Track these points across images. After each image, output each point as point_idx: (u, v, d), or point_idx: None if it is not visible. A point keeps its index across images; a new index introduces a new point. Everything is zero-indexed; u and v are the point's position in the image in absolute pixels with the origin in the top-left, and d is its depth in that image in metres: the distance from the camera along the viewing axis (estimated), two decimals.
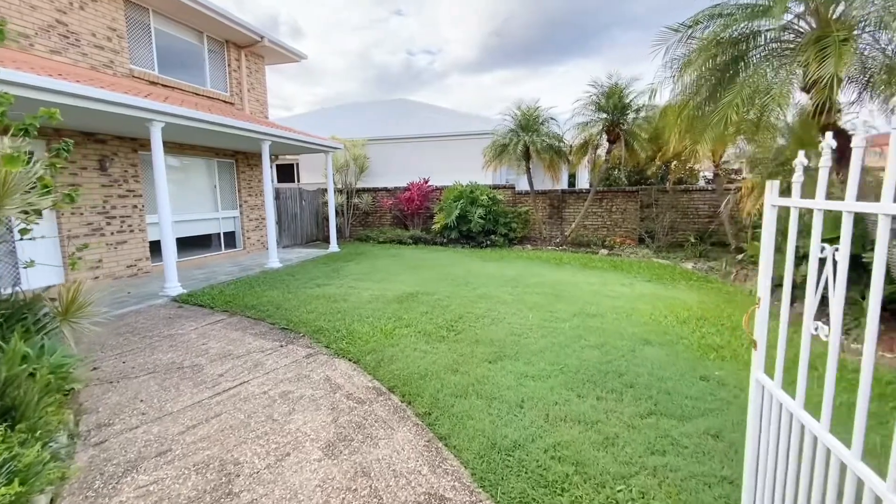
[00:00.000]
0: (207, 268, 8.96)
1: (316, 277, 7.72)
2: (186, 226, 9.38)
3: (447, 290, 6.69)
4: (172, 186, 8.96)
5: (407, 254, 10.71)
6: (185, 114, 6.57)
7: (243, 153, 10.84)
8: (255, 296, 6.39)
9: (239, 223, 10.88)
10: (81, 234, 7.12)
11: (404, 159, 15.71)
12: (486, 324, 5.02)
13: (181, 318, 5.58)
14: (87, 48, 7.11)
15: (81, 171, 7.11)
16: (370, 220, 14.41)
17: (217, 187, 10.20)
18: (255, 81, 11.15)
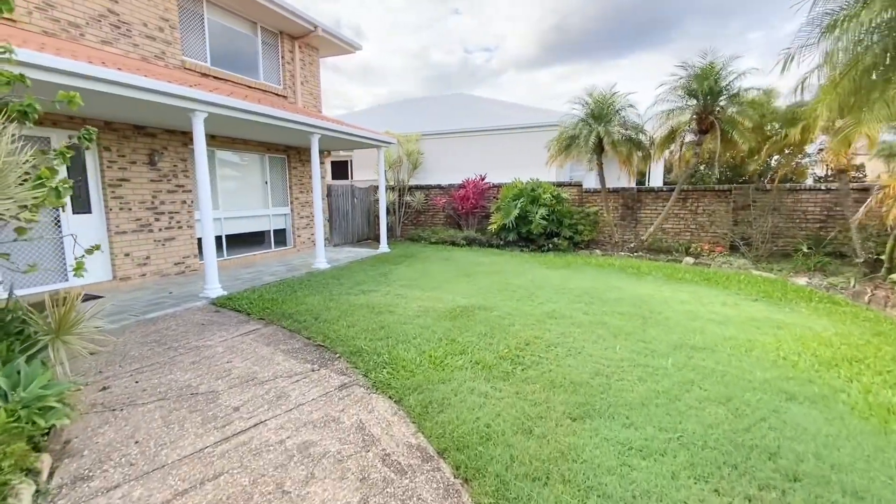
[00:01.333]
0: (255, 267, 8.62)
1: (362, 282, 7.04)
2: (237, 223, 9.12)
3: (508, 304, 5.71)
4: (223, 182, 8.72)
5: (460, 257, 9.83)
6: (226, 103, 6.10)
7: (295, 149, 10.49)
8: (295, 302, 5.79)
9: (290, 220, 10.55)
10: (129, 231, 6.93)
11: (459, 155, 14.86)
12: (561, 355, 3.99)
13: (214, 325, 5.07)
14: (139, 38, 6.89)
15: (130, 166, 6.91)
16: (422, 219, 13.71)
17: (268, 183, 9.90)
18: (309, 74, 10.76)
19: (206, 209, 6.12)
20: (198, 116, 5.91)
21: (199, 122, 5.95)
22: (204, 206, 6.10)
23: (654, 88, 10.47)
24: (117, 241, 6.77)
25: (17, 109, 2.94)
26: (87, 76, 4.55)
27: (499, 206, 11.35)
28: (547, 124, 13.39)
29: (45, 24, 5.71)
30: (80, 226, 6.39)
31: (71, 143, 3.74)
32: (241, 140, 8.97)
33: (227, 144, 8.68)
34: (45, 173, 2.78)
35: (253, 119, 6.71)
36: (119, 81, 4.80)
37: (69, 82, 4.42)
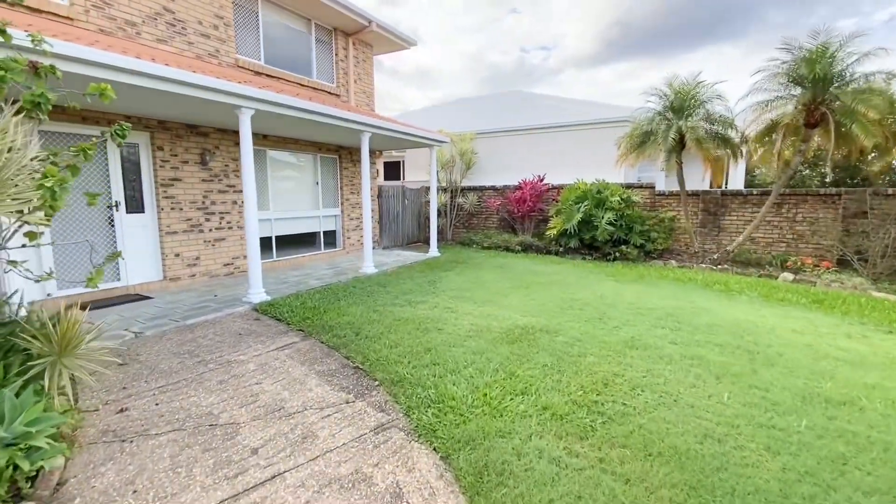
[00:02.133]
0: (303, 269, 8.39)
1: (409, 291, 6.49)
2: (288, 223, 8.96)
3: (575, 326, 4.90)
4: (275, 182, 8.56)
5: (516, 264, 9.05)
6: (271, 98, 5.78)
7: (347, 149, 10.22)
8: (336, 312, 5.34)
9: (340, 222, 10.30)
10: (180, 231, 6.86)
11: (515, 154, 14.03)
12: (652, 403, 3.16)
13: (251, 335, 4.71)
14: (193, 37, 6.81)
15: (182, 165, 6.84)
16: (474, 221, 13.04)
17: (319, 184, 9.69)
18: (363, 72, 10.46)
19: (251, 210, 5.85)
20: (244, 113, 5.64)
21: (246, 120, 5.68)
22: (249, 206, 5.83)
23: (731, 82, 9.05)
24: (168, 242, 6.71)
25: (28, 100, 2.62)
26: (123, 69, 4.33)
27: (559, 209, 10.43)
28: (614, 120, 12.24)
29: (102, 22, 5.68)
30: (132, 225, 6.37)
31: (102, 139, 3.45)
32: (292, 140, 8.79)
33: (279, 144, 8.52)
34: (50, 171, 2.42)
35: (299, 116, 6.38)
36: (160, 76, 4.56)
37: (105, 75, 4.21)
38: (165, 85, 4.67)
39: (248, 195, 5.81)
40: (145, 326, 4.87)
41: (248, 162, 5.76)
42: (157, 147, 6.49)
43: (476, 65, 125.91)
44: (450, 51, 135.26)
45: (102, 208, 6.04)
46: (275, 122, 6.90)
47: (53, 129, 5.46)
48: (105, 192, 6.04)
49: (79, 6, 5.45)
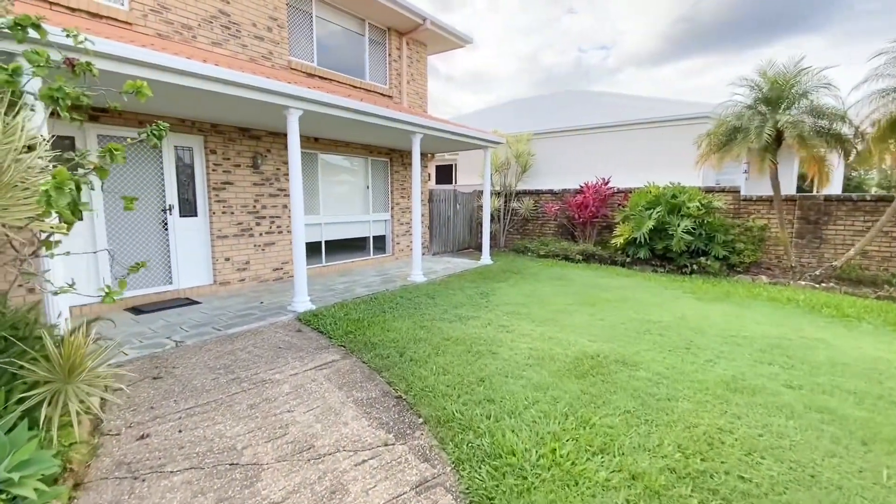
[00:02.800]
0: (351, 275, 8.12)
1: (459, 304, 5.95)
2: (337, 228, 8.77)
3: (657, 357, 4.11)
4: (326, 186, 8.39)
5: (577, 276, 8.24)
6: (320, 98, 5.49)
7: (398, 151, 9.92)
8: (381, 327, 4.91)
9: (389, 227, 10.01)
10: (230, 235, 6.80)
11: (575, 156, 13.12)
12: (780, 481, 2.37)
13: (290, 350, 4.38)
14: (247, 39, 6.74)
15: (234, 169, 6.78)
16: (529, 227, 12.29)
17: (370, 188, 9.44)
18: (416, 72, 10.13)
19: (298, 214, 5.59)
20: (292, 114, 5.39)
21: (294, 121, 5.43)
22: (296, 210, 5.57)
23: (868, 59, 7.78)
24: (218, 245, 6.66)
25: (46, 95, 2.38)
26: (167, 68, 4.16)
27: (626, 215, 9.45)
28: (691, 117, 11.03)
29: (160, 26, 5.69)
30: (185, 229, 6.35)
31: (138, 139, 3.23)
32: (343, 143, 8.59)
33: (330, 147, 8.35)
34: (60, 173, 2.13)
35: (348, 117, 6.06)
36: (206, 75, 4.37)
37: (149, 74, 4.06)
38: (210, 84, 4.49)
39: (295, 199, 5.55)
40: (187, 335, 4.70)
41: (296, 164, 5.50)
42: (210, 150, 6.46)
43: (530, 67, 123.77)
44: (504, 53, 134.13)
45: (157, 212, 6.05)
46: (324, 124, 6.66)
47: (110, 133, 5.51)
48: (159, 195, 6.06)
49: (137, 11, 5.47)
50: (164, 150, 6.04)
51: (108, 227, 5.59)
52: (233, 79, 4.59)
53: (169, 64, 4.09)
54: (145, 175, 5.90)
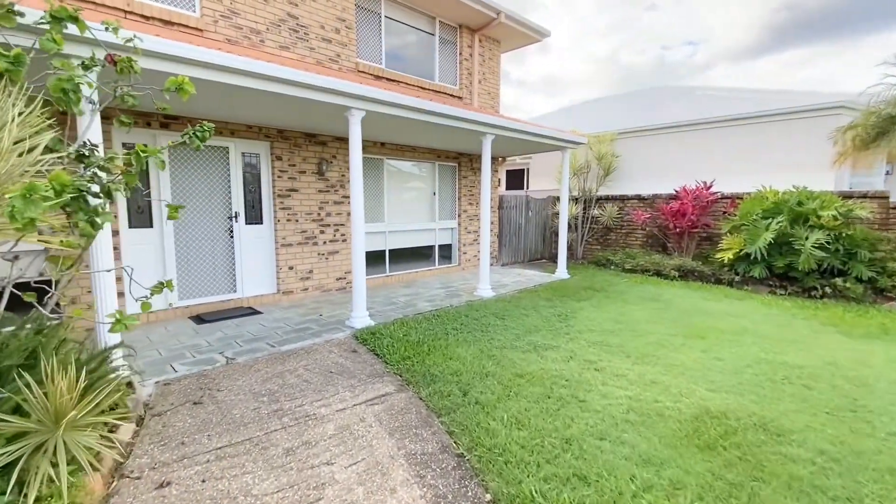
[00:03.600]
0: (414, 287, 7.63)
1: (534, 329, 5.14)
2: (402, 237, 8.36)
3: (814, 424, 3.00)
4: (391, 193, 8.03)
5: (675, 297, 7.00)
6: (382, 97, 5.03)
7: (467, 155, 9.33)
8: (443, 353, 4.27)
9: (456, 235, 9.43)
10: (294, 243, 6.61)
11: (666, 157, 11.62)
12: None
13: (342, 375, 3.89)
14: (315, 42, 6.54)
15: (300, 176, 6.59)
16: (611, 237, 11.03)
17: (436, 194, 8.94)
18: (488, 71, 9.48)
19: (359, 222, 5.17)
20: (354, 115, 4.99)
21: (356, 122, 5.03)
22: (356, 217, 5.16)
23: None
24: (282, 254, 6.48)
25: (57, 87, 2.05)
26: (223, 66, 3.90)
27: (735, 225, 7.98)
28: (819, 107, 9.17)
29: (229, 31, 5.61)
30: (250, 237, 6.25)
31: (179, 141, 2.91)
32: (409, 148, 8.17)
33: (396, 152, 7.97)
34: (58, 177, 1.75)
35: (413, 117, 5.56)
36: (257, 72, 4.06)
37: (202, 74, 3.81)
38: (266, 84, 4.18)
39: (356, 206, 5.13)
40: (240, 350, 4.42)
41: (357, 169, 5.09)
42: (276, 156, 6.31)
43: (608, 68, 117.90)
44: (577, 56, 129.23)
45: (223, 219, 5.99)
46: (390, 126, 6.24)
47: None
48: (225, 202, 5.99)
49: (208, 17, 5.43)
50: (232, 157, 5.97)
51: (175, 235, 5.59)
52: (289, 77, 4.26)
53: (222, 62, 3.83)
54: (213, 182, 5.85)
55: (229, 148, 5.94)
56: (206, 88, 4.12)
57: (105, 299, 3.48)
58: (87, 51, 3.00)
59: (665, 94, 13.68)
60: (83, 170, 2.32)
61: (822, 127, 8.57)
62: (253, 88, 4.14)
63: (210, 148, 5.78)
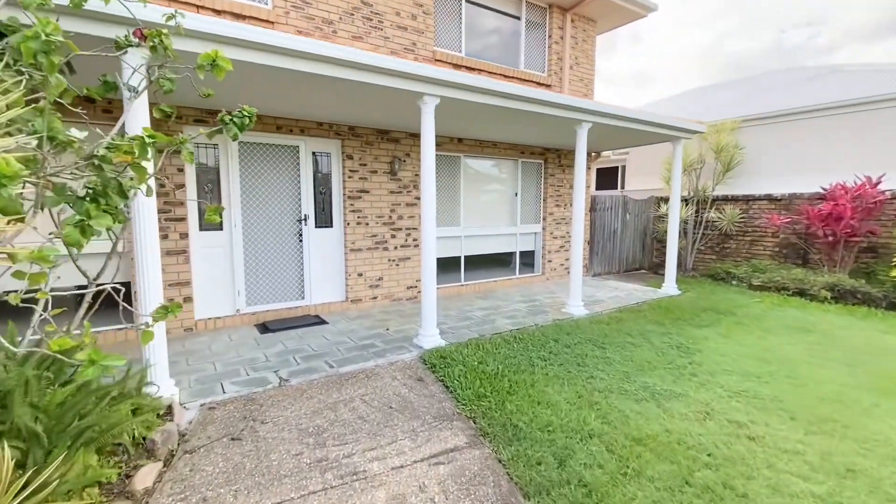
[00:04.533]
0: (493, 298, 6.79)
1: (647, 365, 4.02)
2: (479, 242, 7.57)
3: None
4: (468, 194, 7.30)
5: (833, 327, 5.33)
6: (457, 80, 4.29)
7: (555, 151, 8.27)
8: (529, 393, 3.39)
9: (540, 241, 8.41)
10: (364, 248, 6.14)
11: (804, 148, 9.45)
12: None
13: (403, 413, 3.19)
14: (390, 30, 6.01)
15: (371, 176, 6.11)
16: (730, 246, 9.18)
17: (518, 195, 8.02)
18: (580, 55, 8.35)
19: (430, 224, 4.47)
20: (427, 104, 4.31)
21: (428, 112, 4.34)
22: (427, 219, 4.47)
23: None
24: (351, 259, 6.04)
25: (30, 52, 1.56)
26: (276, 47, 3.41)
27: None
28: None
29: (300, 23, 5.27)
30: (320, 241, 5.88)
31: (214, 130, 2.40)
32: (490, 143, 7.36)
33: (474, 149, 7.20)
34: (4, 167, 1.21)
35: (495, 104, 4.73)
36: (320, 55, 3.52)
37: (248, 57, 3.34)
38: (330, 69, 3.65)
39: (427, 206, 4.45)
40: (296, 370, 3.93)
41: (429, 164, 4.40)
42: (347, 155, 5.88)
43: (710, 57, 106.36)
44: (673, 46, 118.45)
45: (292, 222, 5.68)
46: (468, 118, 5.50)
47: (250, 140, 5.26)
48: (294, 204, 5.68)
49: (280, 8, 5.12)
50: (302, 156, 5.64)
51: (245, 239, 5.36)
52: (352, 58, 3.68)
53: (283, 44, 3.34)
54: (283, 183, 5.56)
55: (299, 147, 5.61)
56: (270, 77, 3.70)
57: (148, 308, 3.13)
58: (124, 31, 2.62)
59: (792, 76, 11.28)
60: (80, 163, 1.84)
61: None
62: (318, 75, 3.64)
63: (279, 147, 5.50)
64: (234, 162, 5.18)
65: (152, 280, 3.13)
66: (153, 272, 3.13)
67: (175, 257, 4.83)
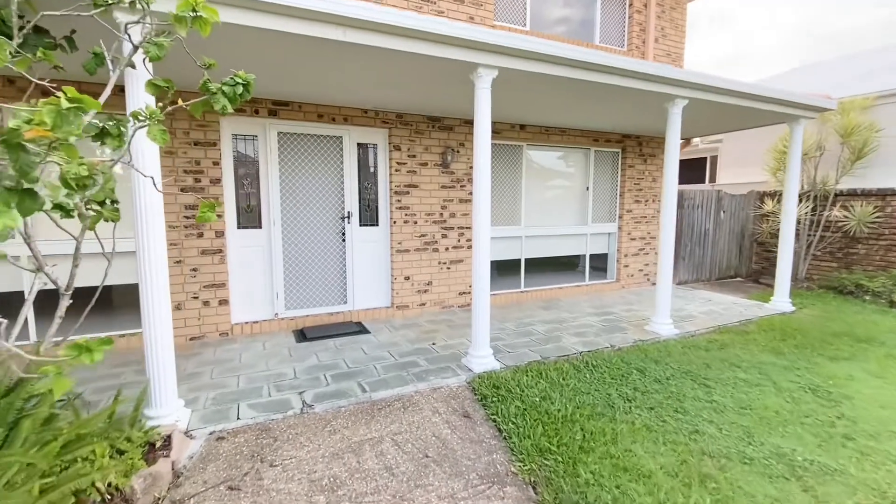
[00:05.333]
0: (556, 309, 5.88)
1: (773, 418, 2.97)
2: (543, 243, 6.69)
3: None
4: (530, 190, 6.45)
5: None
6: (520, 45, 3.47)
7: (635, 138, 7.13)
8: (610, 450, 2.54)
9: (615, 243, 7.32)
10: (412, 249, 5.52)
11: None
12: None
13: (441, 466, 2.49)
14: (444, 3, 5.32)
15: (420, 169, 5.47)
16: (858, 251, 7.42)
17: (590, 190, 7.00)
18: (668, 25, 7.10)
19: (482, 221, 3.73)
20: (482, 78, 3.56)
21: (484, 87, 3.59)
22: (480, 216, 3.73)
23: None
24: (398, 261, 5.45)
25: None
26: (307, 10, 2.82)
27: None
28: None
29: None
30: (363, 240, 5.36)
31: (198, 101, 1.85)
32: (557, 130, 6.43)
33: (539, 137, 6.31)
34: None
35: (565, 75, 3.85)
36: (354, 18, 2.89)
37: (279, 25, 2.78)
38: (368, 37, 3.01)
39: (480, 201, 3.71)
40: (323, 392, 3.38)
41: (484, 149, 3.66)
42: (394, 146, 5.29)
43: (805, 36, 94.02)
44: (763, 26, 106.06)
45: (335, 220, 5.20)
46: (533, 99, 4.66)
47: (290, 129, 4.83)
48: (337, 200, 5.19)
49: None
50: (346, 148, 5.13)
51: (284, 238, 4.96)
52: (389, 21, 3.01)
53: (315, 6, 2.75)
54: (325, 177, 5.09)
55: (343, 137, 5.11)
56: (304, 51, 3.16)
57: (154, 316, 2.70)
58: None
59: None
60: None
61: None
62: (352, 45, 3.02)
63: (321, 138, 5.02)
64: (273, 155, 4.78)
65: (156, 287, 2.69)
66: (157, 278, 2.69)
67: (210, 257, 4.51)
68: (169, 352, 2.78)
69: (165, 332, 2.75)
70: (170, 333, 2.78)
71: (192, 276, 4.46)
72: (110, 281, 3.92)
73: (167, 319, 2.76)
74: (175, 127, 4.25)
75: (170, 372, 2.80)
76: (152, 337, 2.70)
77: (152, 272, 2.67)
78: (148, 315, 2.69)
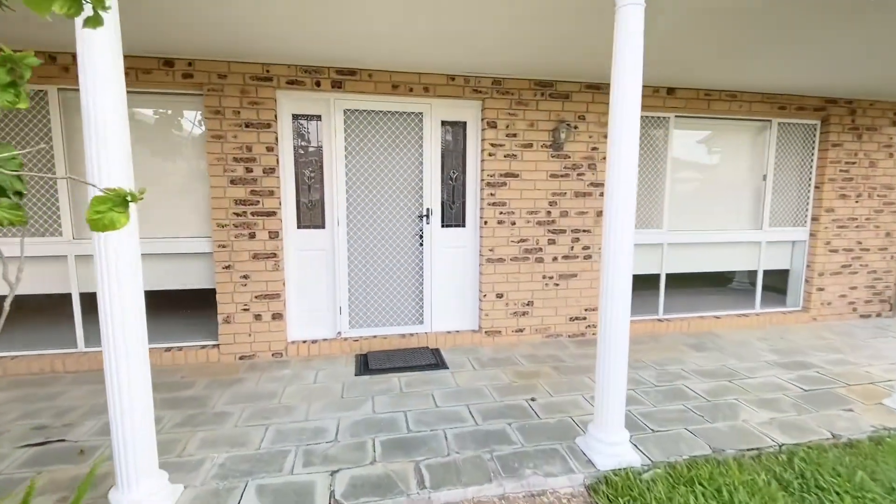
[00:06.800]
0: (714, 348, 4.08)
1: None
2: (689, 253, 4.86)
3: None
4: (677, 180, 4.69)
5: None
6: None
7: (845, 103, 4.84)
8: None
9: (802, 255, 5.12)
10: (507, 258, 4.22)
11: None
12: None
13: None
14: None
15: (522, 152, 4.12)
16: None
17: (767, 180, 4.93)
18: None
19: (621, 221, 2.29)
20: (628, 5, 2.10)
21: (634, 16, 2.13)
22: (617, 213, 2.30)
23: None
24: (488, 273, 4.20)
25: None
26: None
27: None
28: None
29: None
30: (445, 244, 4.22)
31: None
32: (725, 94, 4.52)
33: (695, 105, 4.49)
34: None
35: None
36: None
37: None
38: None
39: (621, 188, 2.28)
40: (363, 478, 2.29)
41: (631, 103, 2.21)
42: (489, 123, 4.02)
43: None
44: None
45: (411, 218, 4.13)
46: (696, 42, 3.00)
47: (357, 106, 3.86)
48: (414, 195, 4.11)
49: None
50: (426, 127, 4.02)
51: (349, 240, 4.03)
52: None
53: None
54: (399, 165, 4.05)
55: (423, 114, 4.00)
56: None
57: (114, 334, 1.84)
58: None
59: None
60: None
61: None
62: None
63: (396, 116, 3.97)
64: (338, 138, 3.86)
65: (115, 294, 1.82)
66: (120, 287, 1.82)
67: (263, 262, 3.76)
68: (143, 401, 1.91)
69: (137, 369, 1.87)
70: (145, 370, 1.92)
71: (243, 284, 3.75)
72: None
73: (140, 351, 1.89)
74: (224, 105, 3.53)
75: (146, 433, 1.94)
76: (115, 381, 1.85)
77: (111, 279, 1.80)
78: (109, 343, 1.83)
